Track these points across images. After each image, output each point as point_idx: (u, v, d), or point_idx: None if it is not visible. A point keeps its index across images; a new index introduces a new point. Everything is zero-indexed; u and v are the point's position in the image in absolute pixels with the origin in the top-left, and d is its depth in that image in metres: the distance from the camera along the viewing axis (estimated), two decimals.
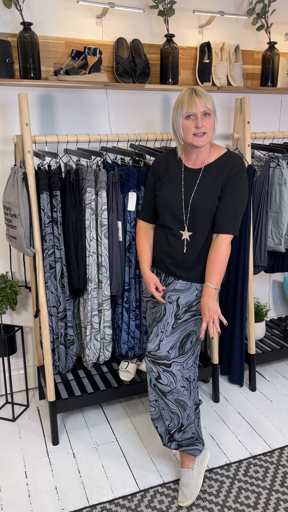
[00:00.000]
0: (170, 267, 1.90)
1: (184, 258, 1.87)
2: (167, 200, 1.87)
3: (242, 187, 1.82)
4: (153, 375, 1.85)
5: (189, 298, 1.88)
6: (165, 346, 1.84)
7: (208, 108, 1.73)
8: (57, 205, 2.06)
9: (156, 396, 1.88)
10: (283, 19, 2.77)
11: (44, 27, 2.25)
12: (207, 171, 1.84)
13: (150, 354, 1.85)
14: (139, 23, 2.44)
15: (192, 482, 1.90)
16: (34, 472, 2.05)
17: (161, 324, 1.87)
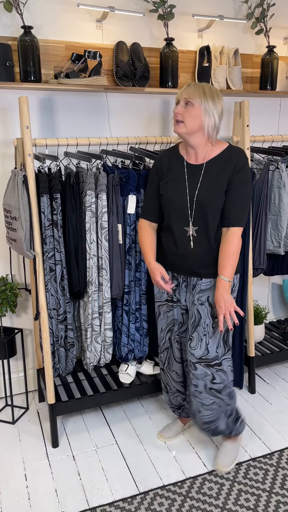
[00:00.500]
0: (188, 267, 1.91)
1: (192, 253, 1.88)
2: (172, 198, 1.88)
3: (248, 180, 1.85)
4: (207, 378, 1.92)
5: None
6: (212, 347, 1.91)
7: (189, 97, 1.75)
8: (57, 207, 2.06)
9: (213, 398, 1.94)
10: (282, 23, 2.79)
11: (44, 31, 2.26)
12: (210, 166, 1.84)
13: (202, 359, 1.90)
14: (139, 27, 2.45)
15: (233, 453, 2.09)
16: (34, 475, 2.05)
17: (200, 328, 1.91)
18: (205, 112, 1.77)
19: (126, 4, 2.38)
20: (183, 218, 1.87)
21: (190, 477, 2.03)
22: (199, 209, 1.84)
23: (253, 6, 2.63)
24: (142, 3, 2.37)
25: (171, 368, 2.12)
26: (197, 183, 1.84)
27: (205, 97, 1.76)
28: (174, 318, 2.03)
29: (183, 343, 2.07)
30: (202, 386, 1.92)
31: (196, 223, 1.86)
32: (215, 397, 1.95)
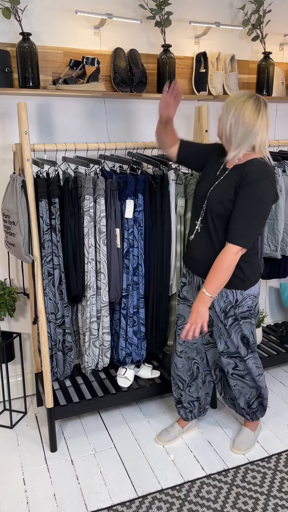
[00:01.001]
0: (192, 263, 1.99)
1: (192, 246, 1.96)
2: (197, 188, 1.97)
3: (256, 199, 1.75)
4: (230, 366, 2.09)
5: (221, 305, 1.96)
6: (231, 345, 2.03)
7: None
8: (56, 212, 2.08)
9: (236, 381, 2.13)
10: (278, 29, 2.82)
11: (42, 37, 2.28)
12: (230, 173, 1.85)
13: (224, 353, 2.06)
14: (137, 33, 2.48)
15: (249, 442, 2.24)
16: (32, 479, 2.05)
17: (215, 328, 2.04)
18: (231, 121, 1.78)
19: (123, 11, 2.41)
20: (197, 211, 1.94)
21: (189, 480, 2.04)
22: (207, 208, 1.88)
23: (249, 13, 2.66)
24: (140, 10, 2.40)
25: (173, 360, 2.23)
26: (215, 184, 1.88)
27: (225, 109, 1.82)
28: (179, 313, 2.15)
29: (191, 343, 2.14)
30: (226, 371, 2.12)
31: (203, 220, 1.90)
32: (239, 380, 2.12)
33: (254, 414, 2.24)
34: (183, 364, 2.19)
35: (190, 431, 2.34)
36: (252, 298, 1.98)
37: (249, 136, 1.76)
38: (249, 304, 1.97)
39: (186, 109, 2.68)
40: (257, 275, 1.98)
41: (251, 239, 1.81)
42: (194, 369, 2.20)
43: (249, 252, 1.89)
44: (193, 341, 2.13)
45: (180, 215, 2.31)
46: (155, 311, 2.37)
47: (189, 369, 2.20)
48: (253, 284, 1.96)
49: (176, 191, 2.29)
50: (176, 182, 2.29)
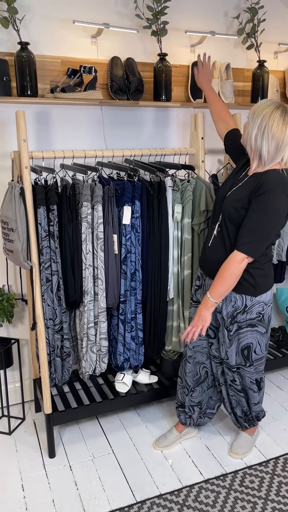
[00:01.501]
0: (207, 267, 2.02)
1: (209, 253, 1.97)
2: (219, 190, 2.00)
3: (267, 209, 1.75)
4: (228, 378, 2.12)
5: (228, 309, 1.97)
6: (231, 356, 2.05)
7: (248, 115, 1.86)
8: (54, 219, 2.09)
9: (232, 392, 2.16)
10: (272, 38, 2.86)
11: (40, 47, 2.31)
12: (247, 180, 1.86)
13: (224, 362, 2.09)
14: (133, 42, 2.52)
15: (247, 446, 2.25)
16: (31, 485, 2.05)
17: (221, 334, 2.05)
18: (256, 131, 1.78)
19: (120, 20, 2.45)
20: (215, 215, 1.96)
21: (187, 485, 2.04)
22: (223, 212, 1.89)
23: (244, 22, 2.70)
24: (136, 19, 2.44)
25: (184, 364, 2.23)
26: (233, 189, 1.90)
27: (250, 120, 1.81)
28: (191, 316, 2.19)
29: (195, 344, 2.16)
30: (223, 380, 2.16)
31: (220, 224, 1.92)
32: (234, 392, 2.15)
33: (250, 422, 2.25)
34: (190, 370, 2.20)
35: (188, 435, 2.35)
36: (262, 305, 1.97)
37: (281, 150, 1.75)
38: (259, 311, 1.97)
39: (182, 117, 2.72)
40: (269, 283, 1.98)
41: (259, 248, 1.81)
42: (202, 373, 2.20)
43: (261, 260, 1.90)
44: (203, 345, 2.14)
45: (177, 221, 2.34)
46: (153, 316, 2.38)
47: (196, 373, 2.21)
48: (264, 291, 1.95)
49: (173, 198, 2.32)
50: (173, 188, 2.32)
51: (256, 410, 2.20)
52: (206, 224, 2.36)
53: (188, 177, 2.39)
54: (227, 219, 1.88)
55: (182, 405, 2.28)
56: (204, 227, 2.36)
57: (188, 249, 2.36)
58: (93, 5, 2.38)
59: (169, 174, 2.36)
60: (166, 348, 2.50)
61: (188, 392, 2.24)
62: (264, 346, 2.06)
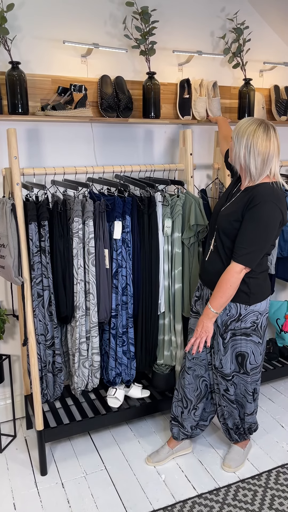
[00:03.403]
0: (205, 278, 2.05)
1: (207, 265, 2.03)
2: (215, 207, 2.06)
3: (260, 221, 1.80)
4: (222, 387, 2.13)
5: (223, 317, 2.00)
6: (225, 364, 2.06)
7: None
8: (45, 234, 2.11)
9: (225, 403, 2.16)
10: (257, 57, 2.95)
11: (31, 66, 2.35)
12: (240, 194, 1.92)
13: (218, 371, 2.10)
14: (122, 61, 2.57)
15: (239, 459, 2.25)
16: (23, 504, 2.03)
17: (215, 342, 2.07)
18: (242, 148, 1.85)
19: (109, 40, 2.51)
20: (211, 231, 2.03)
21: (180, 500, 2.03)
22: (219, 228, 1.94)
23: (229, 42, 2.78)
24: (125, 39, 2.50)
25: (182, 375, 2.23)
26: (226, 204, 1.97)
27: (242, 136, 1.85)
28: (191, 328, 2.20)
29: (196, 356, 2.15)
30: (216, 388, 2.17)
31: (216, 239, 1.98)
32: (226, 402, 2.15)
33: (241, 435, 2.26)
34: (190, 382, 2.20)
35: (182, 452, 2.33)
36: (257, 315, 2.00)
37: (267, 163, 1.82)
38: (253, 320, 2.00)
39: (171, 133, 2.77)
40: (265, 293, 2.01)
41: (255, 259, 1.86)
42: (202, 388, 2.20)
43: (257, 269, 1.93)
44: (202, 357, 2.15)
45: (167, 235, 2.37)
46: (144, 330, 2.40)
47: (196, 388, 2.20)
48: (259, 300, 1.98)
49: (163, 212, 2.35)
50: (163, 203, 2.35)
51: (249, 422, 2.21)
52: (196, 238, 2.39)
53: (178, 192, 2.43)
54: (222, 233, 1.93)
55: (176, 419, 2.27)
56: (194, 241, 2.39)
57: (178, 263, 2.38)
58: (83, 25, 2.44)
59: (159, 190, 2.40)
60: (158, 362, 2.51)
61: (190, 408, 2.22)
62: (259, 356, 2.08)
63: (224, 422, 2.25)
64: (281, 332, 3.09)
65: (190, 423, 2.25)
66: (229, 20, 2.79)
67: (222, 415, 2.23)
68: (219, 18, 2.79)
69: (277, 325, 3.12)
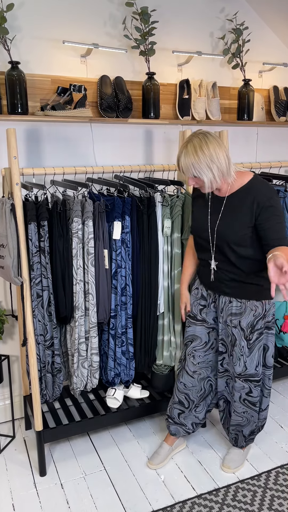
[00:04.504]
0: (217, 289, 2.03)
1: (214, 285, 2.01)
2: (195, 228, 2.00)
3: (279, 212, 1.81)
4: (244, 391, 2.10)
5: (248, 319, 2.00)
6: (250, 365, 2.05)
7: (188, 174, 1.79)
8: (45, 235, 2.11)
9: (246, 408, 2.13)
10: (257, 58, 2.95)
11: (31, 66, 2.35)
12: (230, 200, 1.89)
13: (241, 376, 2.07)
14: (122, 61, 2.57)
15: (239, 460, 2.24)
16: (22, 505, 2.02)
17: (237, 348, 2.04)
18: (209, 172, 1.77)
19: (109, 41, 2.51)
20: (206, 251, 1.97)
21: (180, 501, 2.03)
22: (220, 244, 1.89)
23: (229, 43, 2.79)
24: (125, 40, 2.50)
25: (180, 380, 2.22)
26: (218, 216, 1.90)
27: (199, 165, 1.75)
28: (195, 334, 2.16)
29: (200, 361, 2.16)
30: (237, 397, 2.12)
31: (218, 257, 1.93)
32: (247, 407, 2.12)
33: (250, 441, 2.26)
34: (193, 384, 2.19)
35: (179, 448, 2.34)
36: (274, 305, 2.06)
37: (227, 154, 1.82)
38: (273, 312, 2.06)
39: (170, 134, 2.77)
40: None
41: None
42: (206, 388, 2.22)
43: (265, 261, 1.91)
44: (209, 359, 2.17)
45: (167, 236, 2.37)
46: (143, 330, 2.39)
47: (200, 389, 2.21)
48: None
49: (162, 213, 2.35)
50: (163, 204, 2.35)
51: (262, 418, 2.21)
52: None
53: (177, 192, 2.43)
54: (232, 245, 1.87)
55: (171, 418, 2.27)
56: None
57: (178, 263, 2.38)
58: (82, 26, 2.44)
59: (158, 190, 2.40)
60: (157, 362, 2.51)
61: (191, 407, 2.23)
62: (273, 348, 2.13)
63: (239, 430, 2.21)
64: (280, 332, 3.09)
65: (191, 420, 2.26)
66: (228, 20, 2.79)
67: (238, 424, 2.19)
68: (219, 19, 2.79)
69: (276, 326, 3.12)
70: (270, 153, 3.14)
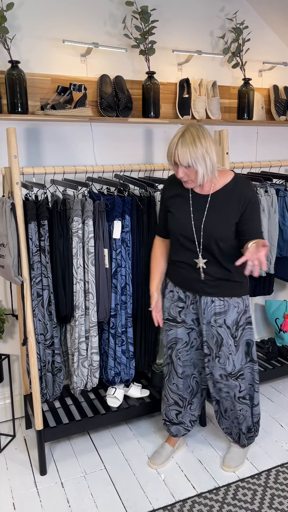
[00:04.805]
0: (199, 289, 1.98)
1: (196, 287, 1.98)
2: (177, 227, 1.95)
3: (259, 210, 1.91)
4: (236, 389, 2.10)
5: (233, 317, 2.00)
6: (237, 362, 2.06)
7: (185, 164, 1.76)
8: (45, 234, 2.11)
9: (241, 405, 2.14)
10: (256, 57, 2.95)
11: (31, 65, 2.35)
12: (215, 198, 1.89)
13: (232, 375, 2.07)
14: (122, 61, 2.57)
15: (239, 459, 2.24)
16: (22, 504, 2.02)
17: (224, 348, 2.03)
18: (203, 163, 1.77)
19: (109, 40, 2.51)
20: (191, 250, 1.93)
21: (180, 500, 2.03)
22: (207, 241, 1.89)
23: (229, 42, 2.78)
24: (124, 39, 2.50)
25: (171, 381, 2.20)
26: (203, 215, 1.89)
27: (195, 154, 1.74)
28: (177, 337, 2.12)
29: (187, 360, 2.14)
30: (232, 395, 2.12)
31: (205, 255, 1.92)
32: (242, 403, 2.14)
33: (251, 439, 2.26)
34: (184, 384, 2.19)
35: (180, 449, 2.35)
36: (250, 300, 2.08)
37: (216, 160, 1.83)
38: (249, 306, 2.05)
39: (170, 133, 2.77)
40: None
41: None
42: (193, 385, 2.22)
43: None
44: (190, 357, 2.15)
45: None
46: (143, 329, 2.40)
47: (188, 386, 2.21)
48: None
49: None
50: None
51: (256, 413, 2.21)
52: None
53: None
54: (218, 242, 1.88)
55: (169, 420, 2.27)
56: None
57: None
58: (82, 25, 2.44)
59: (158, 189, 2.40)
60: (157, 361, 2.51)
61: (185, 405, 2.23)
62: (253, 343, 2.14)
63: (238, 427, 2.22)
64: (280, 331, 3.09)
65: (189, 418, 2.26)
66: (228, 19, 2.79)
67: (237, 421, 2.19)
68: (219, 18, 2.79)
69: (276, 325, 3.13)
70: (270, 152, 3.14)
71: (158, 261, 2.15)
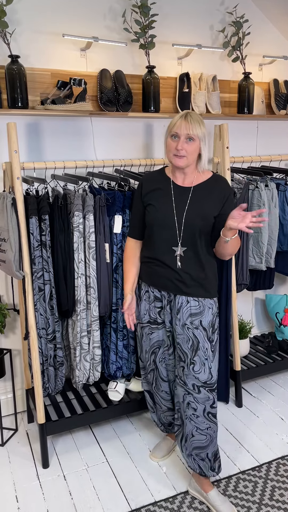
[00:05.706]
0: (174, 286, 1.89)
1: (180, 272, 1.88)
2: (158, 218, 1.89)
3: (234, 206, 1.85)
4: (208, 403, 1.91)
5: (208, 318, 1.91)
6: (214, 371, 1.92)
7: (192, 133, 1.78)
8: (46, 228, 2.11)
9: (209, 423, 1.93)
10: (257, 51, 2.94)
11: (31, 60, 2.34)
12: (196, 190, 1.89)
13: (206, 384, 1.90)
14: (122, 55, 2.57)
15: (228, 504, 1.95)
16: (25, 496, 2.04)
17: (200, 352, 1.89)
18: (204, 144, 1.85)
19: (109, 34, 2.50)
20: (170, 239, 1.88)
21: (181, 492, 2.05)
22: (188, 230, 1.86)
23: (229, 36, 2.78)
24: (124, 33, 2.49)
25: (160, 389, 2.11)
26: (185, 205, 1.88)
27: (202, 129, 1.82)
28: (159, 339, 2.01)
29: (170, 364, 2.05)
30: (201, 410, 1.91)
31: (185, 243, 1.87)
32: (211, 421, 1.93)
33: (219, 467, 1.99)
34: (171, 388, 2.09)
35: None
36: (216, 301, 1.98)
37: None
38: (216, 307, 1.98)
39: None
40: None
41: None
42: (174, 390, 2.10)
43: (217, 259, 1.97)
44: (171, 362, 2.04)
45: None
46: None
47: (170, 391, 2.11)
48: None
49: None
50: None
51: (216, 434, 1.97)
52: None
53: None
54: (198, 233, 1.85)
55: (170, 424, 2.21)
56: None
57: None
58: (82, 19, 2.43)
59: None
60: None
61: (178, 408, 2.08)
62: None
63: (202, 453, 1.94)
64: (280, 325, 3.11)
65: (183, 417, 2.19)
66: (228, 13, 2.78)
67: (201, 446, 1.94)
68: (219, 12, 2.78)
69: (276, 319, 3.14)
70: (270, 146, 3.14)
71: (131, 262, 2.03)
